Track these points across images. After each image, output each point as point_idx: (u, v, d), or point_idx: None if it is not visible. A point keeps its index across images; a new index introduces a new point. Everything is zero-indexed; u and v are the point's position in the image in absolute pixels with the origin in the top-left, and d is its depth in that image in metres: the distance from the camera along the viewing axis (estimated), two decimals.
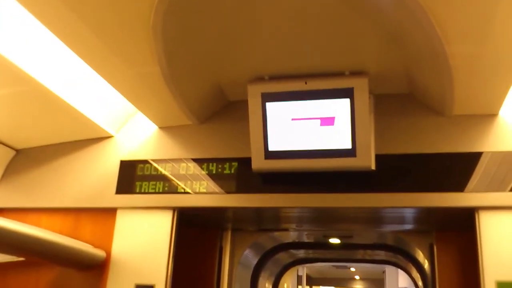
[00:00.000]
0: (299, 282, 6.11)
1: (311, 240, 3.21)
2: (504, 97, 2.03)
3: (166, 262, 2.26)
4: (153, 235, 2.31)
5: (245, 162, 2.25)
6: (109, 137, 2.52)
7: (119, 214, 2.38)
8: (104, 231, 2.38)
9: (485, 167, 2.07)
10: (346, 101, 2.06)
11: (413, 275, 3.71)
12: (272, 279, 3.81)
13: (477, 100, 2.08)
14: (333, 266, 6.02)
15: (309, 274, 6.39)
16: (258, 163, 2.19)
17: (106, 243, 2.36)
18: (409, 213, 2.36)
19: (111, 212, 2.39)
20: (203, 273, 2.77)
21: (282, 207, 2.31)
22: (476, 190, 2.05)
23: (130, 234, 2.35)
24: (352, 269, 6.31)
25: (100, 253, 2.32)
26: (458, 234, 2.49)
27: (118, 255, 2.33)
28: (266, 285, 3.68)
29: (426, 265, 2.86)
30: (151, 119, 2.44)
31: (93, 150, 2.52)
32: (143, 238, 2.32)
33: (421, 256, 2.81)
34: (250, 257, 3.11)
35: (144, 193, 2.35)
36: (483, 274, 1.98)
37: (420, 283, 3.34)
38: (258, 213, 2.52)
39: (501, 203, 2.03)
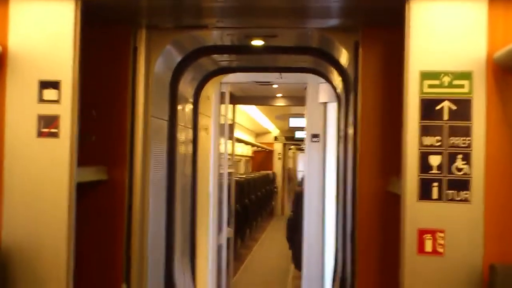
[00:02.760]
0: (222, 100, 6.11)
1: (234, 42, 3.06)
2: None
3: (72, 58, 2.04)
4: (55, 29, 2.05)
5: None
6: None
7: (13, 4, 2.07)
8: None
9: None
10: None
11: (335, 84, 3.74)
12: (195, 84, 3.70)
13: None
14: (256, 83, 6.01)
15: (232, 92, 6.38)
16: None
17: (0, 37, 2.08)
18: (334, 2, 2.24)
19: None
20: (115, 76, 2.57)
21: None
22: None
23: (28, 27, 2.07)
24: (275, 86, 6.34)
25: None
26: (385, 31, 2.42)
27: (16, 50, 2.06)
28: (188, 90, 3.58)
29: (350, 69, 2.83)
30: None
31: None
32: (43, 32, 2.06)
33: (345, 57, 2.76)
34: (169, 59, 2.93)
35: None
36: (407, 65, 1.94)
37: (341, 89, 3.38)
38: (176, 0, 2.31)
39: None
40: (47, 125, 2.05)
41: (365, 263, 2.40)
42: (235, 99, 7.05)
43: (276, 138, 18.55)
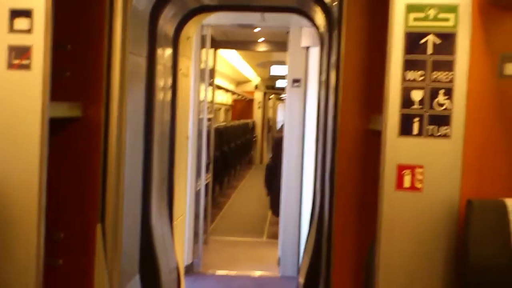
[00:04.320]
0: (203, 44, 5.98)
1: None
2: None
3: None
4: None
5: None
6: None
7: None
8: None
9: None
10: None
11: (318, 25, 3.67)
12: (175, 22, 3.59)
13: None
14: (238, 26, 5.87)
15: (213, 36, 6.24)
16: None
17: None
18: None
19: None
20: (91, 9, 2.45)
21: None
22: None
23: None
24: (257, 30, 6.22)
25: None
26: None
27: None
28: (168, 28, 3.47)
29: (334, 7, 2.76)
30: None
31: None
32: None
33: None
34: None
35: None
36: None
37: (324, 29, 3.31)
38: None
39: None
40: (18, 56, 1.95)
41: (344, 201, 2.42)
42: (217, 44, 6.92)
43: (256, 87, 18.44)
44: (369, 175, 2.18)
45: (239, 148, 13.21)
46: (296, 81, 5.77)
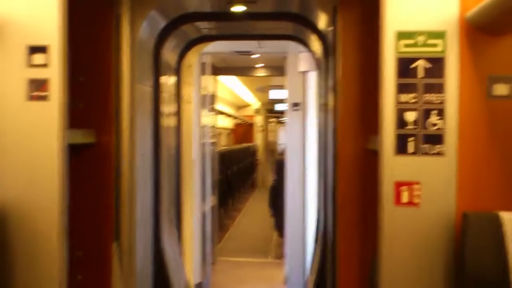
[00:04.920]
0: (203, 71, 6.14)
1: (215, 9, 3.11)
2: None
3: (59, 22, 2.05)
4: None
5: None
6: None
7: None
8: None
9: None
10: None
11: (314, 51, 3.82)
12: (178, 51, 3.75)
13: None
14: (236, 52, 6.04)
15: (213, 63, 6.41)
16: None
17: None
18: None
19: None
20: (99, 42, 2.60)
21: None
22: None
23: None
24: (255, 56, 6.39)
25: None
26: None
27: (3, 17, 2.08)
28: (171, 57, 3.63)
29: (329, 34, 2.90)
30: None
31: None
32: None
33: (324, 22, 2.83)
34: (153, 25, 2.96)
35: None
36: (384, 25, 2.02)
37: (320, 55, 3.45)
38: None
39: None
40: (37, 88, 2.09)
41: (346, 218, 2.52)
42: (216, 70, 7.09)
43: (257, 111, 18.61)
44: (368, 193, 2.29)
45: (242, 171, 13.31)
46: (295, 104, 5.91)
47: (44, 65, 2.06)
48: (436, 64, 1.99)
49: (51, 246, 2.01)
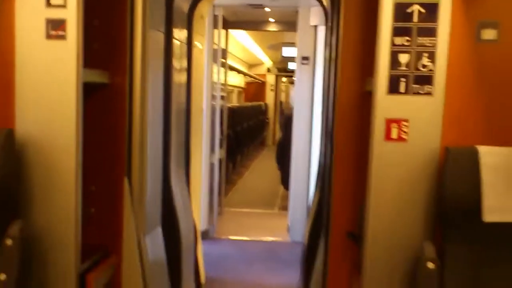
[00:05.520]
0: (215, 24, 6.22)
1: None
2: None
3: None
4: None
5: None
6: None
7: None
8: None
9: None
10: None
11: (325, 4, 3.91)
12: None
13: None
14: (248, 6, 6.11)
15: (225, 17, 6.49)
16: None
17: None
18: None
19: None
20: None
21: None
22: None
23: None
24: (267, 10, 6.45)
25: None
26: None
27: None
28: (184, 4, 3.74)
29: None
30: None
31: None
32: None
33: None
34: None
35: None
36: None
37: (329, 7, 3.55)
38: None
39: None
40: (55, 28, 2.24)
41: (342, 157, 2.69)
42: (228, 24, 7.17)
43: (269, 70, 18.64)
44: (363, 130, 2.45)
45: (252, 128, 13.50)
46: (305, 58, 6.02)
47: (63, 6, 2.20)
48: (430, 9, 2.12)
49: (67, 179, 2.19)
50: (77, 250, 2.21)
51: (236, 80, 15.21)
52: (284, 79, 20.54)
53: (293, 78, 18.39)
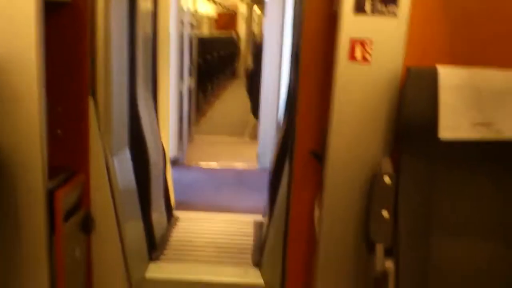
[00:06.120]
0: None
1: None
2: None
3: None
4: None
5: None
6: None
7: None
8: None
9: None
10: None
11: None
12: None
13: None
14: None
15: None
16: None
17: None
18: None
19: None
20: None
21: None
22: None
23: None
24: None
25: None
26: None
27: None
28: None
29: None
30: None
31: None
32: None
33: None
34: None
35: None
36: None
37: None
38: None
39: None
40: None
41: (307, 73, 2.68)
42: None
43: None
44: (330, 53, 2.46)
45: (223, 59, 13.35)
46: None
47: None
48: None
49: (30, 98, 2.15)
50: (43, 167, 2.23)
51: (208, 9, 14.83)
52: (258, 10, 20.11)
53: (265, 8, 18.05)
